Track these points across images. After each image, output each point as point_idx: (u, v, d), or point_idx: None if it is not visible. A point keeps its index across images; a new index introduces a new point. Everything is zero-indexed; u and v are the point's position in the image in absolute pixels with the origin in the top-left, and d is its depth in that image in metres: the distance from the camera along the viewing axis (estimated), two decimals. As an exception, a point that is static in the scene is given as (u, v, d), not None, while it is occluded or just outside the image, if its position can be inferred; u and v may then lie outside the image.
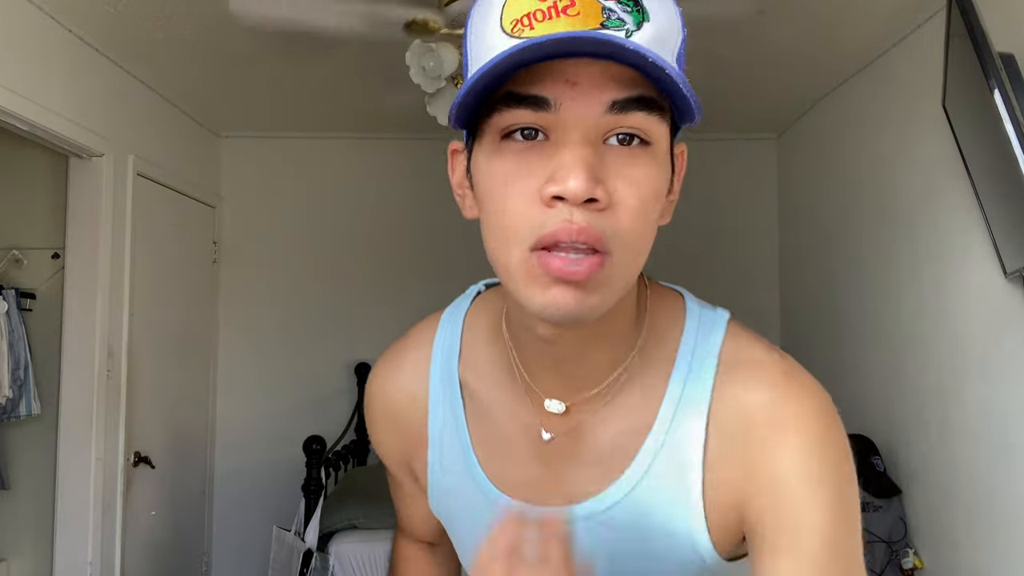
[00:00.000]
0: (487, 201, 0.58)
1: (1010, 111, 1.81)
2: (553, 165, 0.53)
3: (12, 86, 2.24)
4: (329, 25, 2.44)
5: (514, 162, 0.55)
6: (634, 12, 0.52)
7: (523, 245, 0.54)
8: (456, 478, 0.72)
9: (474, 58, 0.57)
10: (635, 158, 0.55)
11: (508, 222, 0.55)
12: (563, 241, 0.53)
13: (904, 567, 2.53)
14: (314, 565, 2.65)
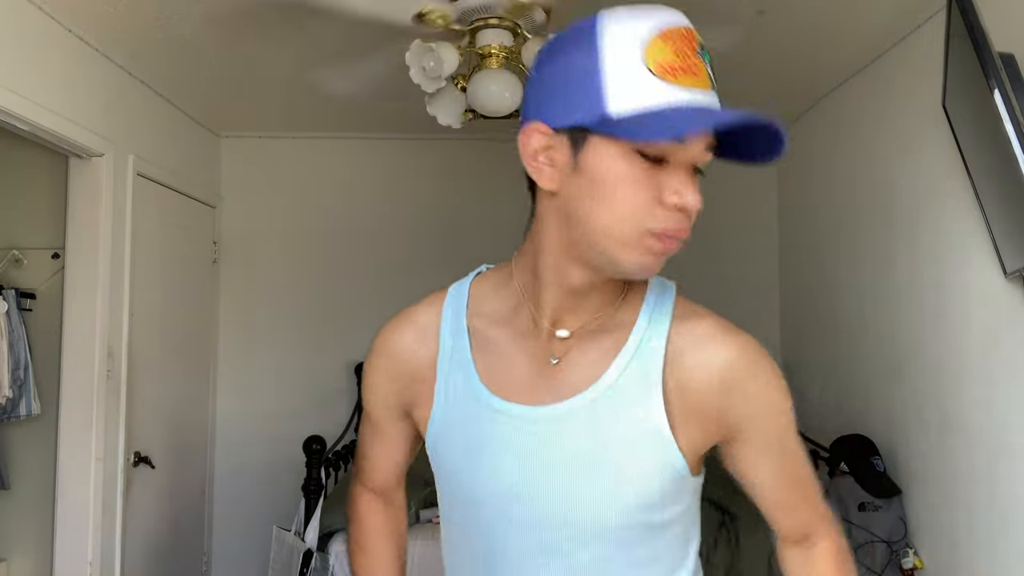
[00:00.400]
0: (613, 189, 0.76)
1: (1010, 111, 1.81)
2: (673, 183, 0.77)
3: (12, 86, 2.24)
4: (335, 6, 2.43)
5: (643, 172, 0.76)
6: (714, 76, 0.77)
7: (642, 227, 0.77)
8: (460, 401, 0.89)
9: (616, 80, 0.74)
10: (698, 183, 0.80)
11: (633, 211, 0.76)
12: (672, 233, 0.78)
13: (904, 567, 2.53)
14: (314, 565, 2.65)
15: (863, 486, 2.61)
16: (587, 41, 0.76)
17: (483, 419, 0.87)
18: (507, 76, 2.30)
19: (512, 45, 2.36)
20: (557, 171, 0.79)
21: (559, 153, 0.79)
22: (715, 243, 3.95)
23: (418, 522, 2.96)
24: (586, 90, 0.75)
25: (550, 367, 0.86)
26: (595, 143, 0.76)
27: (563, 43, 0.79)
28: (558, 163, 0.79)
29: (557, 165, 0.79)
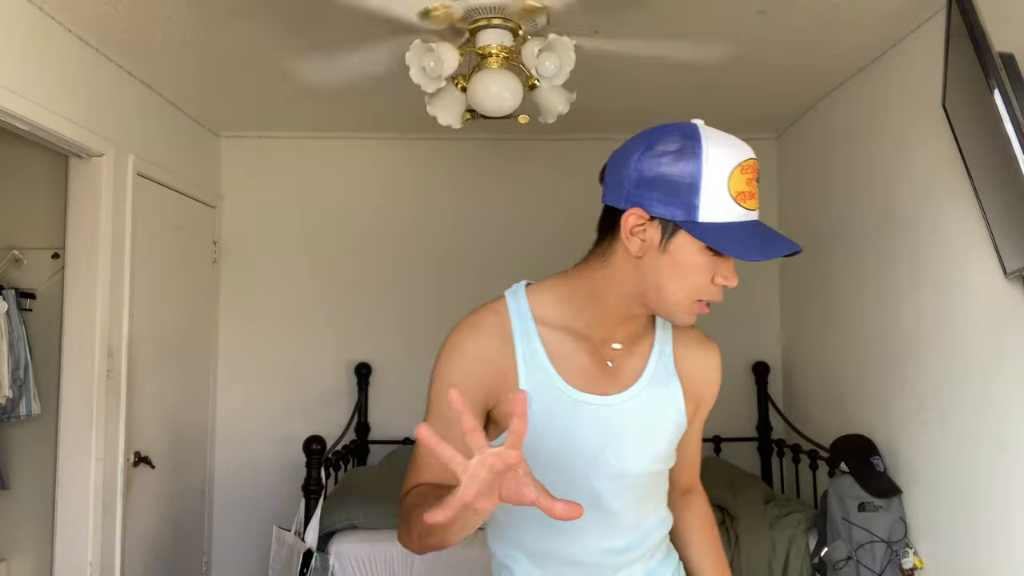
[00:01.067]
0: (689, 272, 1.06)
1: (1010, 111, 1.81)
2: (723, 269, 1.06)
3: (12, 86, 2.24)
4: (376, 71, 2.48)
5: (708, 262, 1.05)
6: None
7: (696, 298, 1.08)
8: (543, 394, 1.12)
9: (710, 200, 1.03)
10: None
11: (695, 288, 1.07)
12: (714, 301, 1.09)
13: (904, 567, 2.53)
14: (314, 565, 2.65)
15: (863, 486, 2.61)
16: (691, 157, 1.03)
17: (565, 405, 1.13)
18: (507, 76, 2.30)
19: (512, 45, 2.36)
20: (646, 246, 1.06)
21: (651, 234, 1.05)
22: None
23: (418, 522, 2.96)
24: (685, 197, 1.02)
25: (607, 367, 1.17)
26: (683, 236, 1.04)
27: (667, 146, 1.05)
28: (648, 241, 1.06)
29: (647, 242, 1.06)
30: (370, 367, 3.86)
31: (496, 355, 1.13)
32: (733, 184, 1.03)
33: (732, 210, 1.02)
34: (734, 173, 1.03)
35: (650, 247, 1.05)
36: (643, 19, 2.48)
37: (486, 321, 1.17)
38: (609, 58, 2.80)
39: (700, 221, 1.02)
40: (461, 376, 1.12)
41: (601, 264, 1.13)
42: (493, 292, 1.28)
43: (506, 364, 1.13)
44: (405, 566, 2.76)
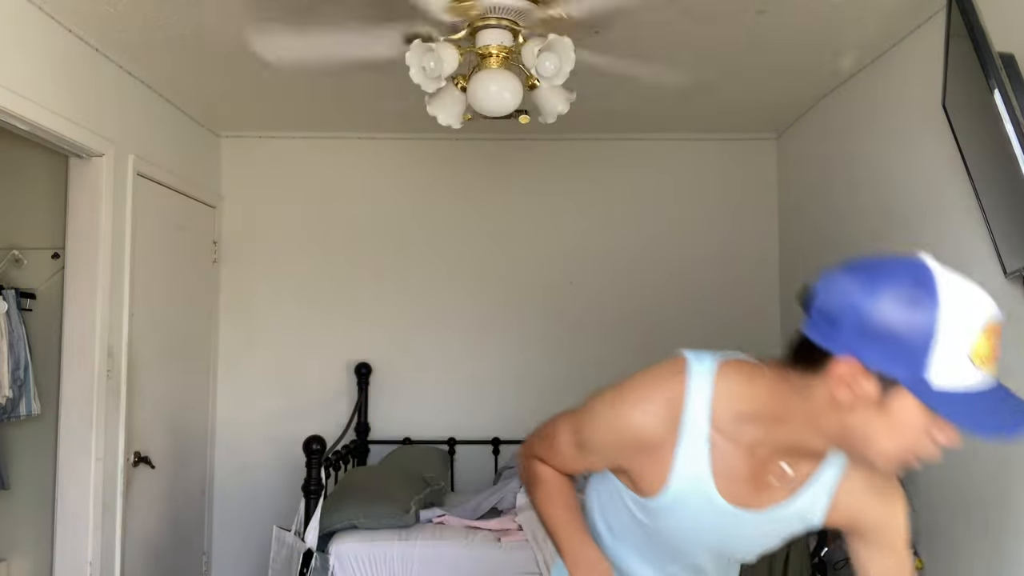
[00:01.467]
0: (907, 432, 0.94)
1: (1010, 111, 1.81)
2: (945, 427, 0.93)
3: (12, 86, 2.24)
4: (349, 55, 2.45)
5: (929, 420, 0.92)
6: None
7: (908, 454, 0.97)
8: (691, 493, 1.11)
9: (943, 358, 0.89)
10: None
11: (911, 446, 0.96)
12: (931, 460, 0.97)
13: (904, 567, 2.53)
14: (314, 565, 2.65)
15: (863, 486, 2.61)
16: (925, 309, 0.89)
17: (710, 511, 1.12)
18: (507, 76, 2.30)
19: (512, 45, 2.36)
20: (858, 401, 0.94)
21: (867, 388, 0.93)
22: (716, 243, 3.95)
23: (418, 522, 2.96)
24: (913, 353, 0.89)
25: (763, 483, 1.11)
26: (905, 395, 0.91)
27: (896, 291, 0.91)
28: (862, 394, 0.93)
29: (860, 396, 0.93)
30: (370, 367, 3.86)
31: (653, 447, 1.10)
32: (977, 350, 0.89)
33: (970, 378, 0.89)
34: (979, 338, 0.89)
35: (864, 400, 0.93)
36: (641, 21, 2.47)
37: (656, 407, 1.09)
38: (609, 59, 2.79)
39: (930, 384, 0.89)
40: (608, 447, 1.16)
41: (799, 397, 1.00)
42: (491, 291, 1.28)
43: (661, 460, 1.11)
44: (405, 566, 2.76)
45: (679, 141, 3.94)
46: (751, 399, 1.06)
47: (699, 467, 1.09)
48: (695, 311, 3.83)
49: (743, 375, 1.08)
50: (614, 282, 3.92)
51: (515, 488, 3.18)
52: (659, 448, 1.10)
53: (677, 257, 3.91)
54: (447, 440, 3.83)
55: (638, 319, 3.87)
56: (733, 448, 1.08)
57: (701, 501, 1.12)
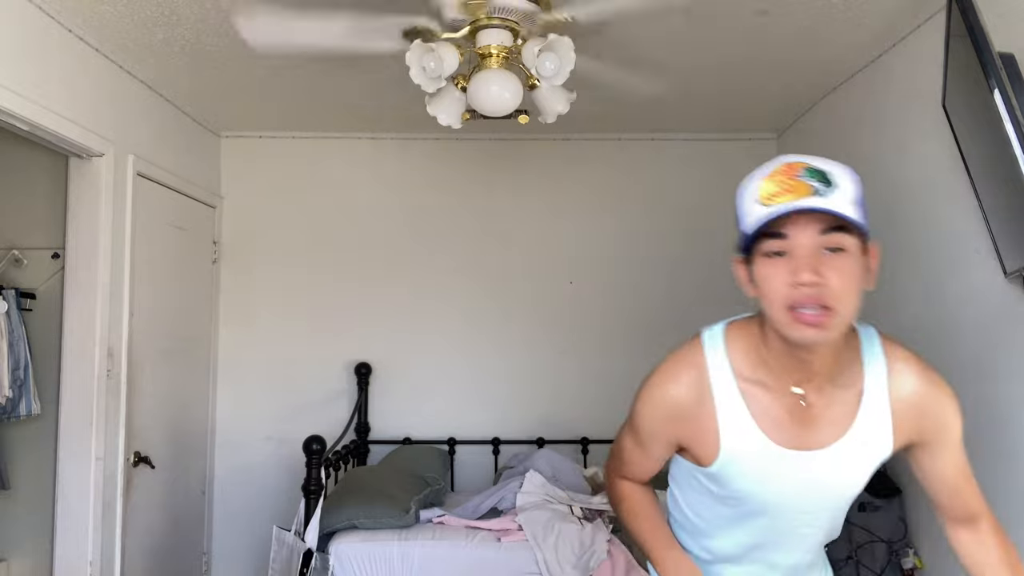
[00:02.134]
0: (763, 284, 1.08)
1: (1010, 111, 1.81)
2: (793, 267, 1.05)
3: (12, 86, 2.25)
4: (337, 45, 2.44)
5: (773, 267, 1.07)
6: (826, 185, 1.05)
7: (784, 306, 1.06)
8: (744, 444, 1.18)
9: (746, 219, 1.09)
10: (836, 258, 1.05)
11: (777, 296, 1.07)
12: (804, 304, 1.04)
13: (904, 567, 2.53)
14: (314, 565, 2.65)
15: (863, 486, 2.61)
16: (738, 194, 1.13)
17: (770, 459, 1.18)
18: (507, 76, 2.30)
19: (512, 45, 2.36)
20: (749, 285, 1.13)
21: (744, 272, 1.14)
22: (716, 243, 3.94)
23: (418, 522, 2.96)
24: (740, 226, 1.11)
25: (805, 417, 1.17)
26: (753, 260, 1.10)
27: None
28: (746, 278, 1.13)
29: (744, 282, 1.14)
30: (370, 367, 3.86)
31: (694, 413, 1.20)
32: (761, 193, 1.07)
33: (760, 212, 1.06)
34: (760, 185, 1.08)
35: (749, 284, 1.12)
36: (641, 21, 2.48)
37: (684, 375, 1.21)
38: (609, 59, 2.80)
39: (747, 235, 1.08)
40: (657, 426, 1.25)
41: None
42: (491, 291, 1.31)
43: (706, 423, 1.20)
44: (405, 566, 2.76)
45: (679, 141, 3.94)
46: (756, 345, 1.19)
47: (742, 419, 1.18)
48: (695, 311, 3.82)
49: (744, 328, 1.22)
50: (614, 282, 3.92)
51: (515, 488, 3.18)
52: (701, 412, 1.19)
53: (677, 257, 3.91)
54: (447, 440, 3.83)
55: (638, 319, 3.87)
56: (764, 393, 1.18)
57: (757, 451, 1.17)
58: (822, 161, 1.09)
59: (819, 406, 1.17)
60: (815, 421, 1.17)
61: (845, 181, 1.07)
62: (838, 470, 1.19)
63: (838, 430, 1.17)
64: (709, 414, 1.19)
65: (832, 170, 1.07)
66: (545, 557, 2.72)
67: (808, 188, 1.04)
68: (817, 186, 1.04)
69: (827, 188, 1.04)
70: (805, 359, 1.14)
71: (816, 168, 1.07)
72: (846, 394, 1.18)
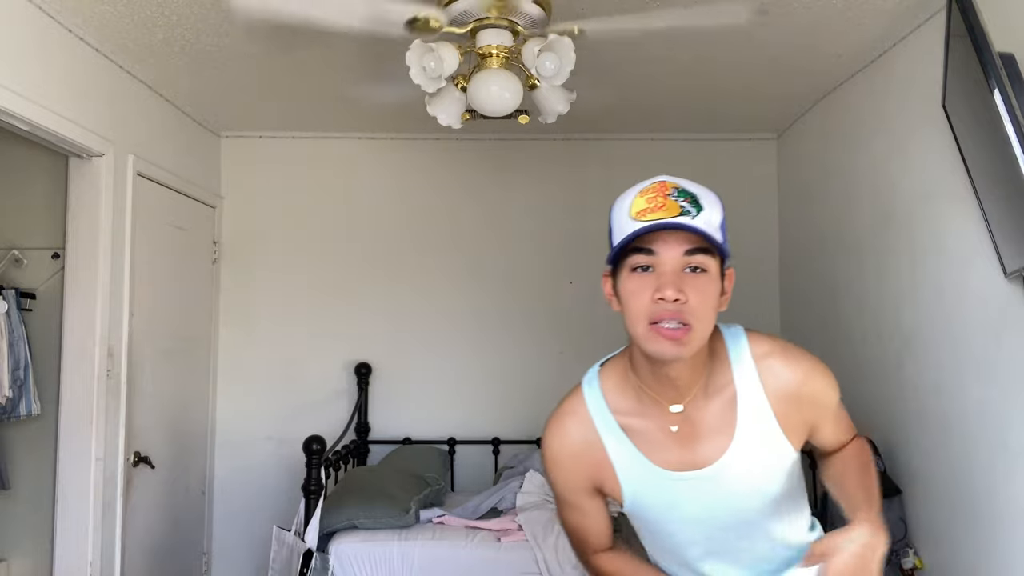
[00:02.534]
0: (627, 299, 1.10)
1: (1010, 111, 1.81)
2: (657, 284, 1.07)
3: (12, 86, 2.24)
4: (329, 19, 2.42)
5: (639, 282, 1.09)
6: (695, 206, 1.08)
7: (646, 321, 1.08)
8: (639, 476, 1.21)
9: (617, 232, 1.11)
10: (698, 278, 1.08)
11: (638, 312, 1.08)
12: (665, 319, 1.06)
13: (904, 567, 2.53)
14: (314, 565, 2.65)
15: (863, 486, 2.61)
16: (612, 209, 1.14)
17: (666, 487, 1.20)
18: (507, 76, 2.30)
19: (512, 45, 2.36)
20: (614, 301, 1.15)
21: (610, 286, 1.16)
22: (715, 243, 3.95)
23: (418, 522, 2.96)
24: (610, 239, 1.13)
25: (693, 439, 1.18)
26: (620, 274, 1.12)
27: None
28: (610, 293, 1.16)
29: (611, 294, 1.16)
30: (370, 367, 3.86)
31: (592, 459, 1.23)
32: (633, 208, 1.09)
33: (630, 226, 1.08)
34: (633, 200, 1.10)
35: (615, 303, 1.15)
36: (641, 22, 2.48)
37: (569, 428, 1.24)
38: (610, 59, 2.80)
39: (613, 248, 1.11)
40: (570, 481, 1.27)
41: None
42: (491, 291, 1.32)
43: (601, 459, 1.22)
44: (405, 566, 2.76)
45: (679, 141, 3.94)
46: (627, 376, 1.22)
47: (629, 453, 1.21)
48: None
49: (615, 363, 1.26)
50: (614, 282, 3.91)
51: (515, 488, 3.18)
52: (597, 457, 1.22)
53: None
54: (447, 440, 3.83)
55: (638, 319, 3.87)
56: (644, 422, 1.21)
57: (653, 481, 1.20)
58: (692, 184, 1.12)
59: (700, 421, 1.18)
60: (699, 437, 1.18)
61: (711, 206, 1.10)
62: (738, 480, 1.19)
63: (724, 440, 1.18)
64: (604, 457, 1.22)
65: (701, 194, 1.10)
66: (545, 557, 2.72)
67: (678, 208, 1.07)
68: (686, 206, 1.07)
69: (696, 210, 1.07)
70: (670, 376, 1.15)
71: (687, 190, 1.10)
72: (721, 402, 1.18)
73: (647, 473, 1.20)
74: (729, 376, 1.18)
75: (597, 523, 1.32)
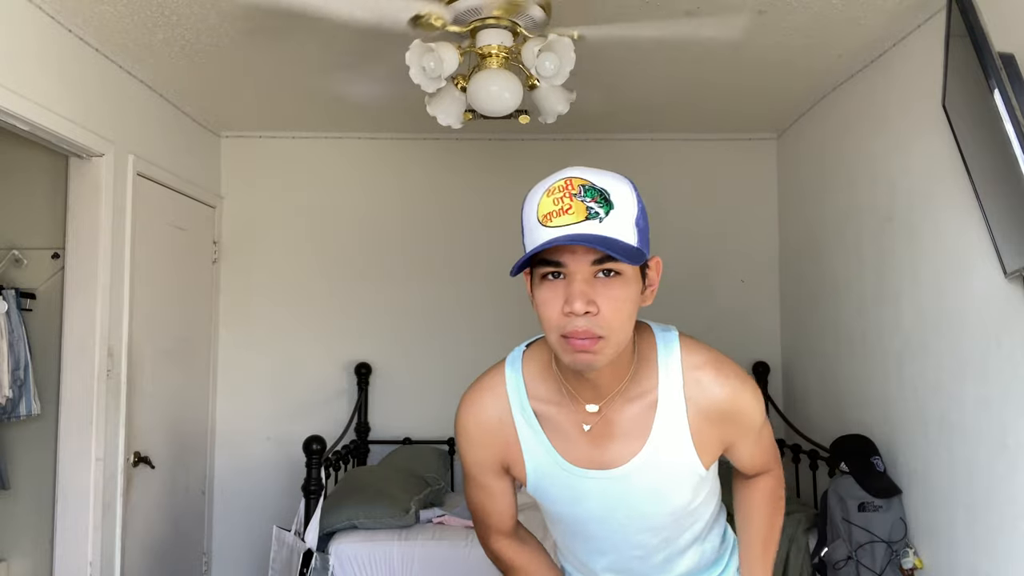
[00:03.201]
0: (539, 309, 1.04)
1: (1010, 111, 1.81)
2: (567, 294, 1.00)
3: (12, 86, 2.24)
4: (330, 9, 2.41)
5: (550, 291, 1.03)
6: (604, 206, 1.00)
7: (557, 333, 1.03)
8: (545, 465, 1.18)
9: (528, 235, 1.04)
10: (611, 284, 1.02)
11: (551, 322, 1.03)
12: (577, 336, 1.01)
13: (904, 567, 2.53)
14: (314, 565, 2.65)
15: (863, 486, 2.61)
16: (523, 204, 1.07)
17: (570, 483, 1.18)
18: (507, 76, 2.30)
19: (512, 45, 2.36)
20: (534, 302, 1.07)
21: (529, 286, 1.09)
22: (716, 244, 3.95)
23: (418, 522, 2.96)
24: (523, 240, 1.06)
25: (597, 437, 1.15)
26: (533, 278, 1.06)
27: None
28: (530, 293, 1.09)
29: (531, 294, 1.09)
30: (370, 367, 3.86)
31: (499, 435, 1.20)
32: (541, 210, 1.02)
33: (539, 233, 1.01)
34: (541, 200, 1.03)
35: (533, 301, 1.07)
36: (642, 21, 2.48)
37: (485, 404, 1.21)
38: (609, 58, 2.80)
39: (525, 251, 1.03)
40: (478, 455, 1.24)
41: None
42: (491, 291, 1.32)
43: (510, 440, 1.20)
44: (405, 566, 2.76)
45: (679, 141, 3.94)
46: (549, 365, 1.18)
47: (539, 440, 1.18)
48: (695, 310, 3.82)
49: (540, 348, 1.21)
50: (614, 282, 3.91)
51: (515, 488, 3.18)
52: (507, 435, 1.20)
53: (676, 257, 3.91)
54: (447, 440, 3.83)
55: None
56: (558, 412, 1.17)
57: (557, 473, 1.18)
58: (602, 176, 1.04)
59: (614, 423, 1.14)
60: (612, 438, 1.14)
61: (624, 199, 1.02)
62: (643, 486, 1.16)
63: (635, 445, 1.14)
64: (513, 437, 1.19)
65: (611, 188, 1.02)
66: (545, 557, 2.71)
67: (585, 211, 0.99)
68: (594, 208, 1.00)
69: (605, 209, 1.00)
70: (588, 377, 1.11)
71: (595, 186, 1.02)
72: (640, 406, 1.14)
73: (554, 465, 1.17)
74: (654, 382, 1.14)
75: (501, 504, 1.30)
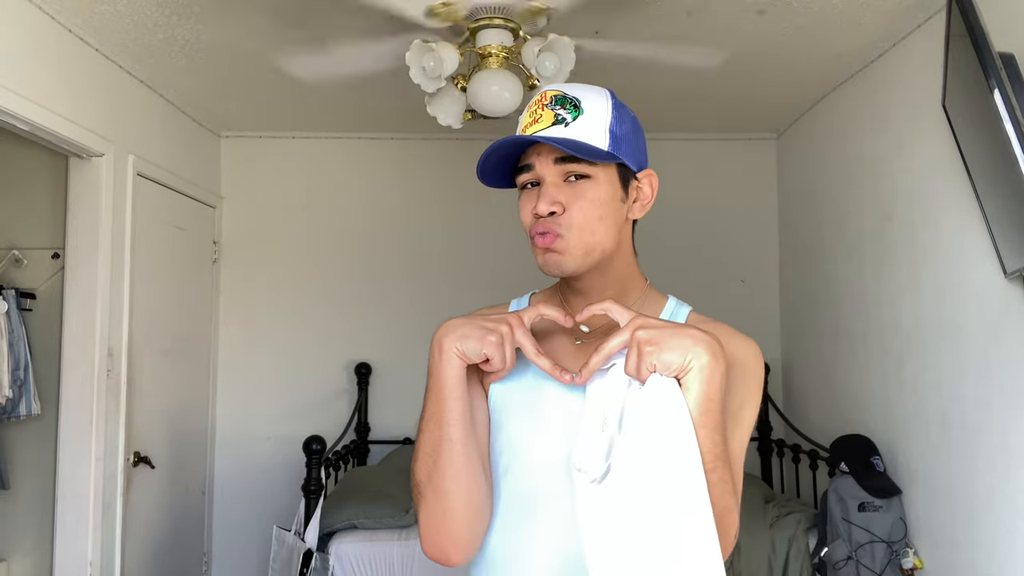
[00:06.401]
0: (521, 218, 1.09)
1: (1010, 111, 1.81)
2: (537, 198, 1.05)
3: (12, 86, 2.25)
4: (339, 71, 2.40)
5: (526, 198, 1.08)
6: (573, 112, 1.02)
7: (529, 236, 1.07)
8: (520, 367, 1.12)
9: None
10: (579, 185, 1.03)
11: (525, 228, 1.08)
12: (537, 231, 1.04)
13: (904, 567, 2.53)
14: (314, 565, 2.65)
15: (863, 486, 2.61)
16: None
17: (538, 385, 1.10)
18: (507, 76, 2.30)
19: (512, 45, 2.36)
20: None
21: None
22: (716, 243, 3.95)
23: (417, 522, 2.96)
24: None
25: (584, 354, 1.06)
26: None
27: None
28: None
29: None
30: (370, 367, 3.86)
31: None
32: (521, 124, 1.06)
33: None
34: (523, 117, 1.07)
35: None
36: (642, 22, 2.48)
37: (484, 310, 1.23)
38: (609, 59, 2.80)
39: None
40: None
41: None
42: (492, 291, 1.32)
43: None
44: (405, 566, 2.76)
45: (679, 141, 3.94)
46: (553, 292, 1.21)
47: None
48: (697, 308, 3.82)
49: (547, 290, 1.25)
50: (614, 282, 3.91)
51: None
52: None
53: (676, 257, 3.91)
54: (447, 440, 3.83)
55: (638, 319, 3.87)
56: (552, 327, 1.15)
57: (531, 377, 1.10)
58: (576, 87, 1.04)
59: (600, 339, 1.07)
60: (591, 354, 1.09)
61: (596, 105, 1.02)
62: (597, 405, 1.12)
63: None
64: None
65: (584, 96, 1.02)
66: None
67: (552, 117, 1.01)
68: (561, 114, 1.01)
69: (573, 115, 1.01)
70: (579, 289, 1.11)
71: (566, 96, 1.03)
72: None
73: (529, 367, 1.10)
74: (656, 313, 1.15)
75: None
